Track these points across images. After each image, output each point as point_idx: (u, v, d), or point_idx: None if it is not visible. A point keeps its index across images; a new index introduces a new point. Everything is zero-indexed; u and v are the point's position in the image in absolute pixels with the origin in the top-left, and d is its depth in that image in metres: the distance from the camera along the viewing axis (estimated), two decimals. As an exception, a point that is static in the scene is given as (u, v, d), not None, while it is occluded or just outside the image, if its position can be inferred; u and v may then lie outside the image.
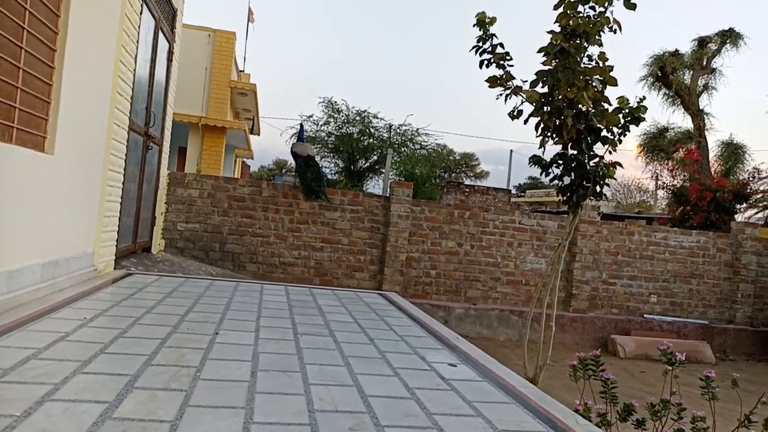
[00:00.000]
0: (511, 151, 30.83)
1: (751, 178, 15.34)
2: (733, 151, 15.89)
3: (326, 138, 22.11)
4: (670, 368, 2.89)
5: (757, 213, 15.94)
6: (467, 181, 37.00)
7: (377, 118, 22.18)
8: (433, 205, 8.49)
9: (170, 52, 6.27)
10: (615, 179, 4.62)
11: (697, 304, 9.15)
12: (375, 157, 22.89)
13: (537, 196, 21.96)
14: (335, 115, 21.95)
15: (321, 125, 21.81)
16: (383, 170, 21.09)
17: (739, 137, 16.35)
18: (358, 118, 21.98)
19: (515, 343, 7.88)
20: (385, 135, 22.64)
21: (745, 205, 14.99)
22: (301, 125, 9.24)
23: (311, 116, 21.16)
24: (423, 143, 23.06)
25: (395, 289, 7.78)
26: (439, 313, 7.79)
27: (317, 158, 21.80)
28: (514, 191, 32.83)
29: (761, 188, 15.89)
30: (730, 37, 14.07)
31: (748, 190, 14.24)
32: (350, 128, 22.02)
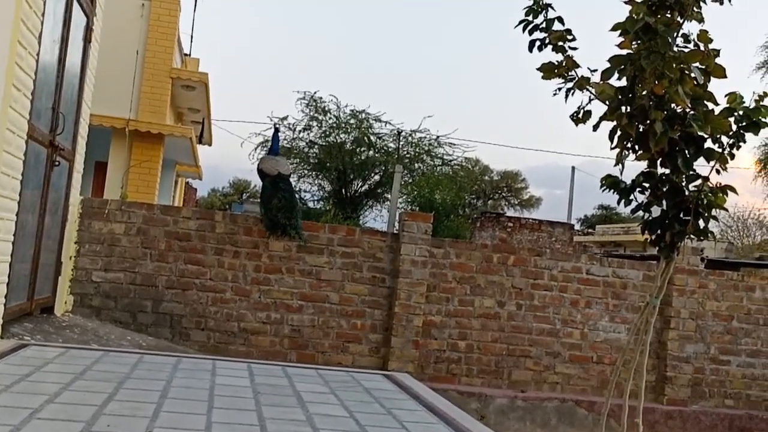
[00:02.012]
0: (574, 168, 30.95)
1: None
2: None
3: (307, 149, 22.12)
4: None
5: None
6: (510, 212, 37.14)
7: (380, 121, 22.09)
8: (462, 246, 8.51)
9: (88, 30, 6.43)
10: (726, 210, 4.66)
11: None
12: (377, 177, 22.87)
13: (612, 234, 22.00)
14: (320, 117, 21.89)
15: (299, 131, 21.84)
16: (389, 195, 21.08)
17: None
18: (352, 120, 21.84)
19: (584, 450, 7.78)
20: (392, 145, 22.56)
21: None
22: (276, 130, 9.23)
23: (285, 118, 21.30)
24: (446, 157, 23.10)
25: (407, 368, 7.73)
26: (471, 405, 7.71)
27: (293, 178, 21.82)
28: (578, 227, 32.82)
29: None
30: None
31: None
32: (341, 135, 21.94)
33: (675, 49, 4.09)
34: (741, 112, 4.17)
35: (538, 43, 4.56)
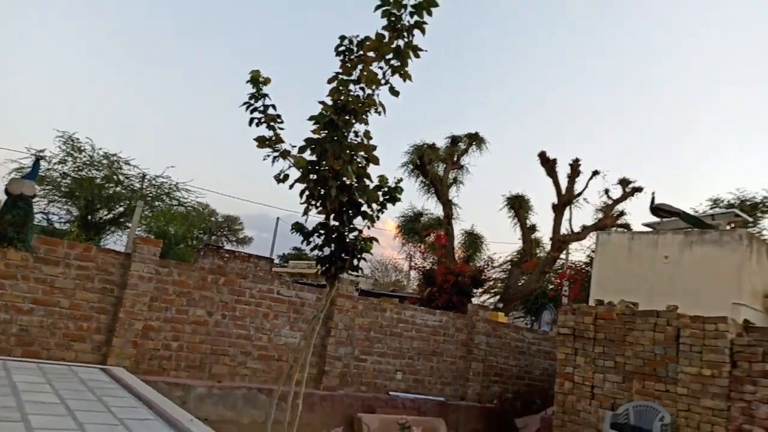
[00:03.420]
0: (278, 218, 31.40)
1: (485, 266, 18.22)
2: (473, 240, 18.78)
3: (59, 179, 19.45)
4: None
5: (489, 298, 18.83)
6: (228, 246, 36.14)
7: (129, 164, 20.47)
8: (184, 267, 8.00)
9: None
10: (372, 254, 4.99)
11: (437, 381, 10.19)
12: (121, 209, 20.88)
13: (300, 268, 22.50)
14: (75, 155, 19.58)
15: (55, 163, 19.17)
16: (130, 224, 19.27)
17: (478, 228, 19.36)
18: (105, 161, 19.98)
19: (261, 426, 7.62)
20: (137, 185, 20.93)
21: (480, 289, 17.65)
22: (37, 160, 8.01)
23: (43, 151, 18.46)
24: (182, 200, 21.94)
25: (124, 363, 6.94)
26: (176, 393, 7.15)
27: (41, 201, 18.92)
28: (277, 260, 33.13)
29: (494, 276, 18.95)
30: (476, 139, 17.01)
31: (483, 277, 16.85)
32: (93, 171, 19.83)
33: (349, 140, 4.35)
34: (386, 189, 4.54)
35: (256, 120, 4.54)
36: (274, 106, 4.51)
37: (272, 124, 4.48)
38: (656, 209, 11.77)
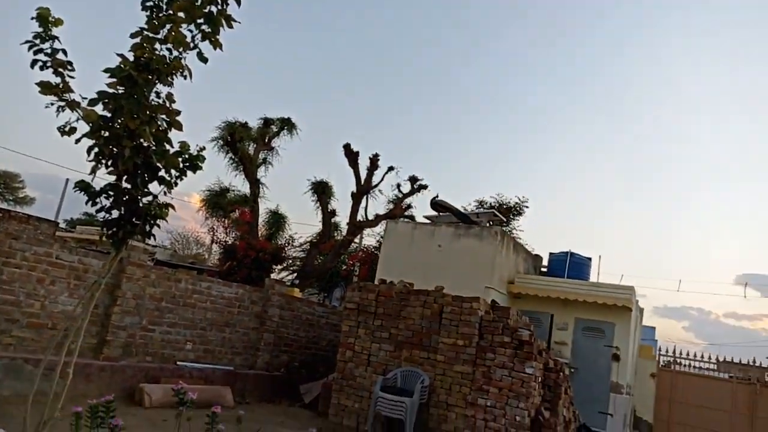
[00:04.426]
0: (67, 180, 27.31)
1: (286, 244, 18.22)
2: (277, 220, 18.61)
3: None
4: (182, 408, 2.93)
5: (288, 275, 18.88)
6: (3, 205, 30.64)
7: None
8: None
9: None
10: (167, 221, 4.61)
11: (228, 351, 9.91)
12: None
13: (89, 233, 19.99)
14: None
15: None
16: None
17: (283, 209, 19.21)
18: None
19: (25, 399, 6.60)
20: None
21: (279, 266, 17.60)
22: None
23: None
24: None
25: None
26: None
27: None
28: (64, 225, 29.10)
29: (293, 254, 19.05)
30: (288, 124, 16.83)
31: (283, 254, 16.82)
32: None
33: (151, 99, 3.95)
34: (187, 156, 4.21)
35: (41, 63, 3.86)
36: (65, 51, 3.88)
37: (60, 70, 3.85)
38: (435, 204, 12.94)
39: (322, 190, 16.53)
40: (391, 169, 16.49)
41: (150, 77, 3.92)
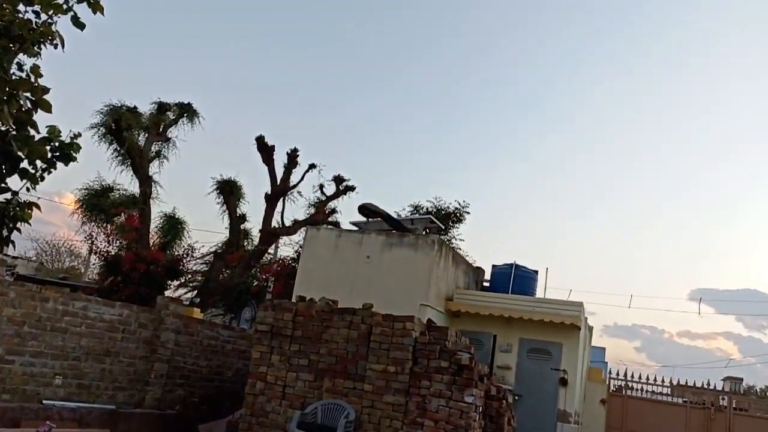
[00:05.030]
0: None
1: (185, 255, 17.65)
2: (174, 225, 18.01)
3: None
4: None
5: (187, 292, 18.29)
6: None
7: None
8: None
9: None
10: (29, 224, 4.34)
11: (108, 386, 9.45)
12: None
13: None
14: None
15: None
16: None
17: (181, 212, 18.59)
18: None
19: None
20: None
21: (176, 282, 17.03)
22: None
23: None
24: None
25: None
26: None
27: None
28: None
29: (194, 267, 18.48)
30: (188, 110, 16.34)
31: (181, 267, 16.29)
32: None
33: (11, 72, 3.72)
34: (58, 144, 4.01)
35: None
36: None
37: None
38: (363, 208, 13.02)
39: (229, 191, 16.18)
40: (312, 166, 16.43)
41: (10, 45, 3.70)
